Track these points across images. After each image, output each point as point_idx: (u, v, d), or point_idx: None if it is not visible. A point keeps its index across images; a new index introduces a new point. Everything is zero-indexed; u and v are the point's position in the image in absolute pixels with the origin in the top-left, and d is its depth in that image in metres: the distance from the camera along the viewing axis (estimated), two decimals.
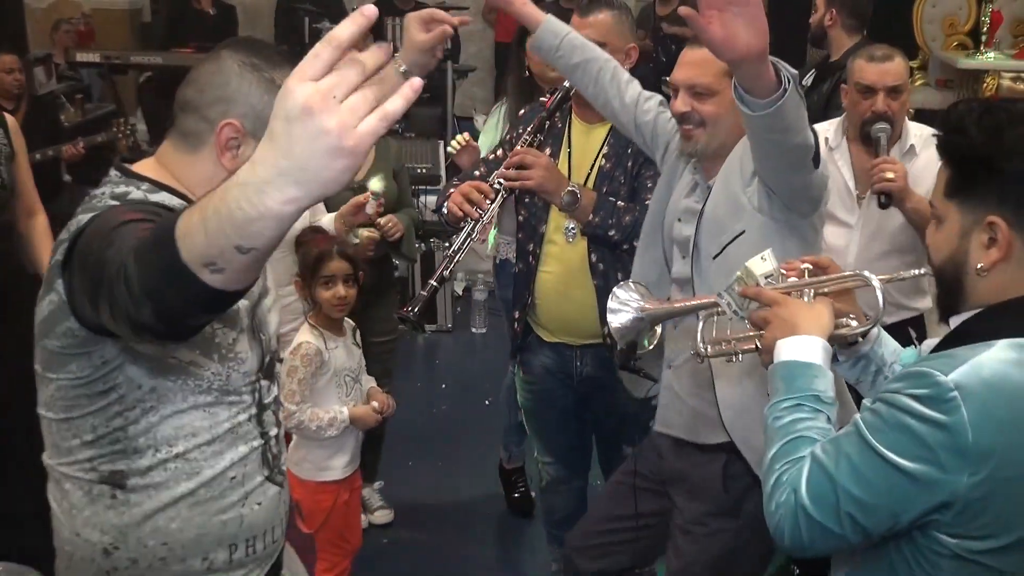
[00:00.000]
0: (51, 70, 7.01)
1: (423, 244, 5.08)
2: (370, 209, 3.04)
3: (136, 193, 1.52)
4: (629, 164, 2.73)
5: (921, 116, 7.56)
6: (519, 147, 2.72)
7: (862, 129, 2.88)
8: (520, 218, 2.88)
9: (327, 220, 3.08)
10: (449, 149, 3.16)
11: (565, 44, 2.46)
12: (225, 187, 1.04)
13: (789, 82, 1.74)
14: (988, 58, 6.76)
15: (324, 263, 2.77)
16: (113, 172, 1.58)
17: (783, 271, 1.71)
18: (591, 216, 2.65)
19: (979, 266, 1.40)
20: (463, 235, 2.63)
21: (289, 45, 8.21)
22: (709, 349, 1.79)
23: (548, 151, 2.79)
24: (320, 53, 0.98)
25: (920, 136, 2.92)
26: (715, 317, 1.84)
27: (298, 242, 2.90)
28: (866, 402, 1.48)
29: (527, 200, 2.82)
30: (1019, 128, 1.37)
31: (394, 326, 3.44)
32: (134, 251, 1.19)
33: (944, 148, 1.46)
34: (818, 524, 1.37)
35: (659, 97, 2.50)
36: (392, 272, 3.65)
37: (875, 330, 1.68)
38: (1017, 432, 1.29)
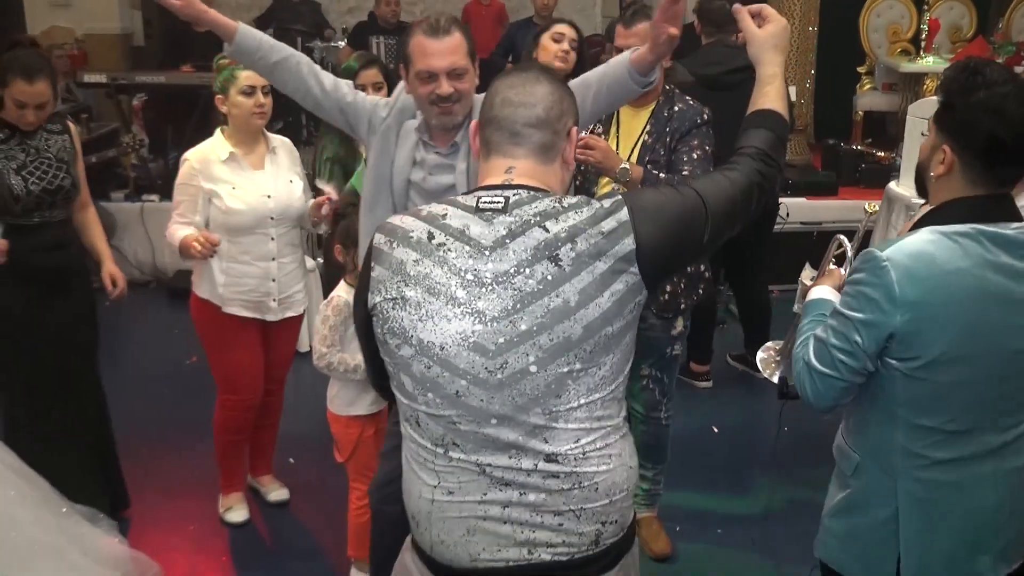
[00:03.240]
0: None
1: None
2: (325, 210, 3.43)
3: (573, 199, 1.78)
4: (667, 139, 3.25)
5: (869, 118, 8.13)
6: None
7: None
8: (576, 183, 3.39)
9: None
10: None
11: (264, 44, 2.64)
12: (777, 85, 1.97)
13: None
14: (927, 62, 7.25)
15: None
16: (520, 193, 1.76)
17: None
18: (639, 186, 3.10)
19: (931, 174, 2.01)
20: None
21: None
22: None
23: (600, 131, 3.35)
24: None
25: None
26: None
27: (339, 214, 3.40)
28: None
29: (582, 168, 3.33)
30: (978, 92, 1.91)
31: None
32: (770, 150, 1.90)
33: (936, 91, 2.07)
34: (822, 375, 1.98)
35: (349, 82, 2.82)
36: None
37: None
38: (932, 283, 1.89)
